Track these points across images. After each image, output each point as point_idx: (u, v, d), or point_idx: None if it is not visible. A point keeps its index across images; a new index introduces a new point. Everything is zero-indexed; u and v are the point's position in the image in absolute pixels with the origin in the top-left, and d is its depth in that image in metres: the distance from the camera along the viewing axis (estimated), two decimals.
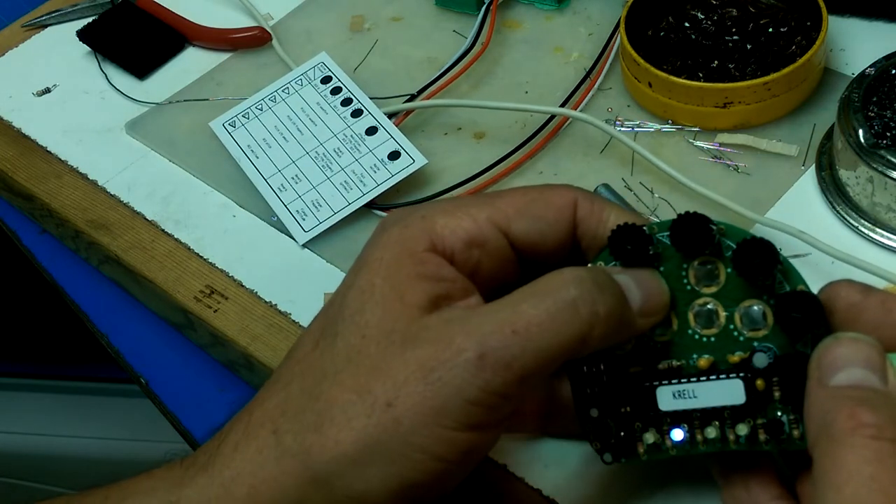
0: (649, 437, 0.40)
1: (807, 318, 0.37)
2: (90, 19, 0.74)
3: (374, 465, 0.37)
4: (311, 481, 0.37)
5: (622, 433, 0.40)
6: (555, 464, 0.45)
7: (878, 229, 0.52)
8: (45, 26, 0.77)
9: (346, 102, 0.63)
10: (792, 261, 0.39)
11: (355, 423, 0.37)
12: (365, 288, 0.39)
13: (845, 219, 0.53)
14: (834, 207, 0.54)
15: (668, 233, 0.40)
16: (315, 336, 0.40)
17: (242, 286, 0.57)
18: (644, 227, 0.40)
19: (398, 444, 0.36)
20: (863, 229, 0.53)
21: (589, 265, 0.41)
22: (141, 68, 0.71)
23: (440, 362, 0.36)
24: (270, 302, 0.55)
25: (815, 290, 0.39)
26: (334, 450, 0.37)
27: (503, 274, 0.42)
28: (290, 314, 0.55)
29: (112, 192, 0.63)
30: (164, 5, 0.74)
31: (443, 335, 0.37)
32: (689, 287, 0.40)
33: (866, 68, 0.55)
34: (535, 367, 0.36)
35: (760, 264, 0.38)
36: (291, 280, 0.56)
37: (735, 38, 0.61)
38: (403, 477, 0.37)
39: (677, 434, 0.40)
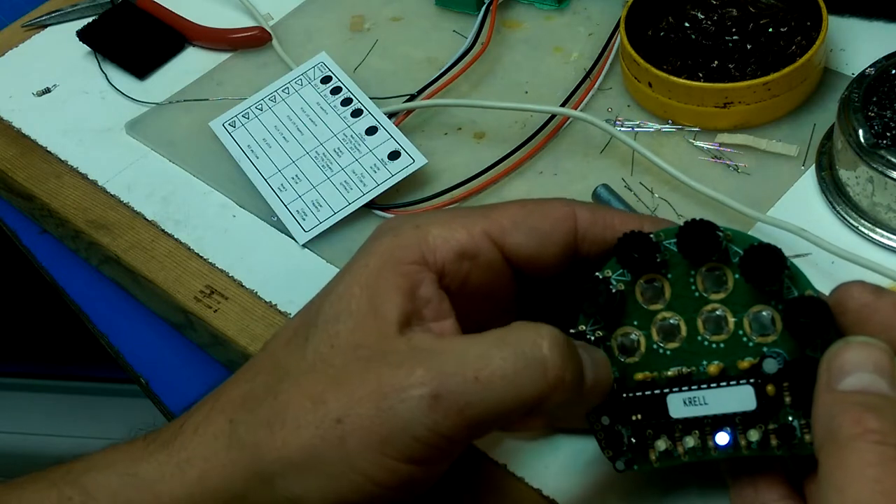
0: (661, 445, 0.40)
1: (815, 322, 0.37)
2: (90, 19, 0.74)
3: (314, 475, 0.37)
4: (255, 475, 0.37)
5: (634, 441, 0.40)
6: (555, 464, 0.45)
7: (878, 229, 0.52)
8: (45, 26, 0.77)
9: (346, 102, 0.63)
10: (792, 261, 0.39)
11: (304, 431, 0.37)
12: (343, 295, 0.39)
13: (845, 219, 0.53)
14: (834, 207, 0.54)
15: (674, 240, 0.40)
16: (289, 334, 0.40)
17: (242, 286, 0.57)
18: (651, 235, 0.40)
19: (340, 462, 0.36)
20: (863, 229, 0.53)
21: (597, 274, 0.41)
22: (141, 68, 0.71)
23: (395, 390, 0.36)
24: (270, 302, 0.55)
25: (820, 290, 0.39)
26: (280, 451, 0.37)
27: (495, 288, 0.42)
28: (289, 314, 0.55)
29: (112, 192, 0.63)
30: (164, 5, 0.74)
31: (405, 362, 0.37)
32: (697, 294, 0.40)
33: (866, 68, 0.55)
34: (488, 418, 0.36)
35: (768, 270, 0.38)
36: (291, 280, 0.56)
37: (735, 38, 0.61)
38: (339, 494, 0.37)
39: (689, 441, 0.40)
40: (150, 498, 0.38)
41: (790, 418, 0.38)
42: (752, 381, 0.39)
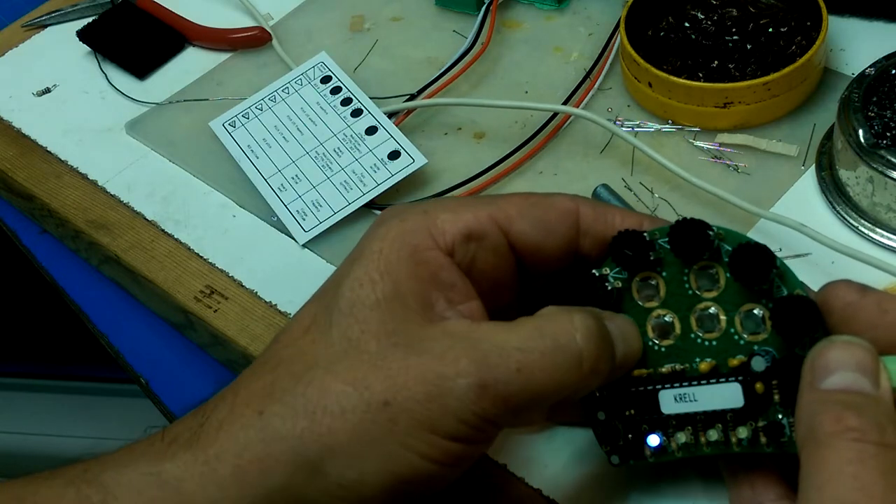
0: (654, 440, 0.40)
1: (803, 321, 0.37)
2: (90, 19, 0.74)
3: (368, 458, 0.37)
4: (301, 466, 0.37)
5: (630, 436, 0.41)
6: (555, 463, 0.45)
7: (878, 229, 0.52)
8: (45, 26, 0.77)
9: (346, 102, 0.63)
10: (792, 261, 0.39)
11: (350, 415, 0.37)
12: (364, 281, 0.39)
13: (845, 219, 0.53)
14: (834, 207, 0.54)
15: (667, 238, 0.40)
16: (305, 322, 0.40)
17: (242, 286, 0.57)
18: (645, 234, 0.40)
19: (393, 442, 0.37)
20: (863, 229, 0.53)
21: (594, 271, 0.41)
22: (141, 68, 0.71)
23: (441, 378, 0.36)
24: (270, 302, 0.55)
25: (815, 290, 0.39)
26: (328, 438, 0.37)
27: (499, 273, 0.42)
28: (289, 314, 0.55)
29: (112, 192, 0.63)
30: (164, 5, 0.74)
31: (447, 351, 0.37)
32: (690, 291, 0.40)
33: (866, 68, 0.55)
34: (530, 405, 0.37)
35: (756, 269, 0.38)
36: (291, 280, 0.56)
37: (735, 38, 0.61)
38: (396, 473, 0.37)
39: (681, 437, 0.40)
40: (177, 498, 0.37)
41: (779, 416, 0.38)
42: (740, 378, 0.39)
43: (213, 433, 0.38)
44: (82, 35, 0.73)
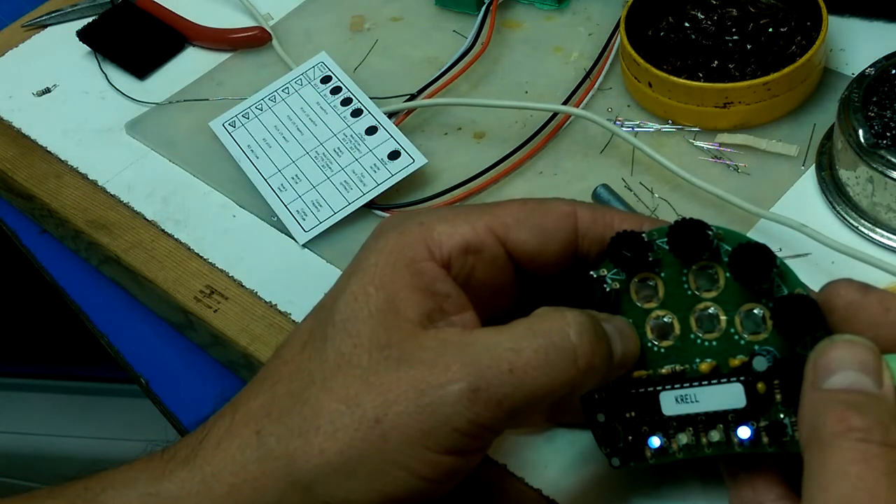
0: (655, 442, 0.40)
1: (804, 320, 0.37)
2: (90, 19, 0.74)
3: (357, 477, 0.37)
4: (292, 486, 0.37)
5: (630, 437, 0.41)
6: (555, 464, 0.45)
7: (878, 229, 0.52)
8: (45, 26, 0.77)
9: (346, 102, 0.63)
10: (792, 261, 0.39)
11: (341, 434, 0.37)
12: (358, 294, 0.39)
13: (845, 219, 0.53)
14: (834, 207, 0.54)
15: (666, 239, 0.40)
16: (304, 338, 0.40)
17: (242, 286, 0.57)
18: (643, 234, 0.40)
19: (382, 460, 0.36)
20: (863, 229, 0.53)
21: (591, 273, 0.41)
22: (141, 68, 0.71)
23: (433, 387, 0.36)
24: (270, 302, 0.55)
25: (815, 290, 0.39)
26: (318, 458, 0.37)
27: (498, 283, 0.42)
28: (290, 314, 0.55)
29: (112, 192, 0.63)
30: (164, 5, 0.74)
31: (438, 359, 0.37)
32: (689, 292, 0.40)
33: (866, 68, 0.55)
34: (525, 406, 0.37)
35: (755, 269, 0.38)
36: (291, 280, 0.56)
37: (735, 38, 0.61)
38: (385, 492, 0.37)
39: (682, 438, 0.40)
40: None
41: (781, 416, 0.38)
42: (742, 378, 0.39)
43: (212, 451, 0.38)
44: (82, 35, 0.73)
